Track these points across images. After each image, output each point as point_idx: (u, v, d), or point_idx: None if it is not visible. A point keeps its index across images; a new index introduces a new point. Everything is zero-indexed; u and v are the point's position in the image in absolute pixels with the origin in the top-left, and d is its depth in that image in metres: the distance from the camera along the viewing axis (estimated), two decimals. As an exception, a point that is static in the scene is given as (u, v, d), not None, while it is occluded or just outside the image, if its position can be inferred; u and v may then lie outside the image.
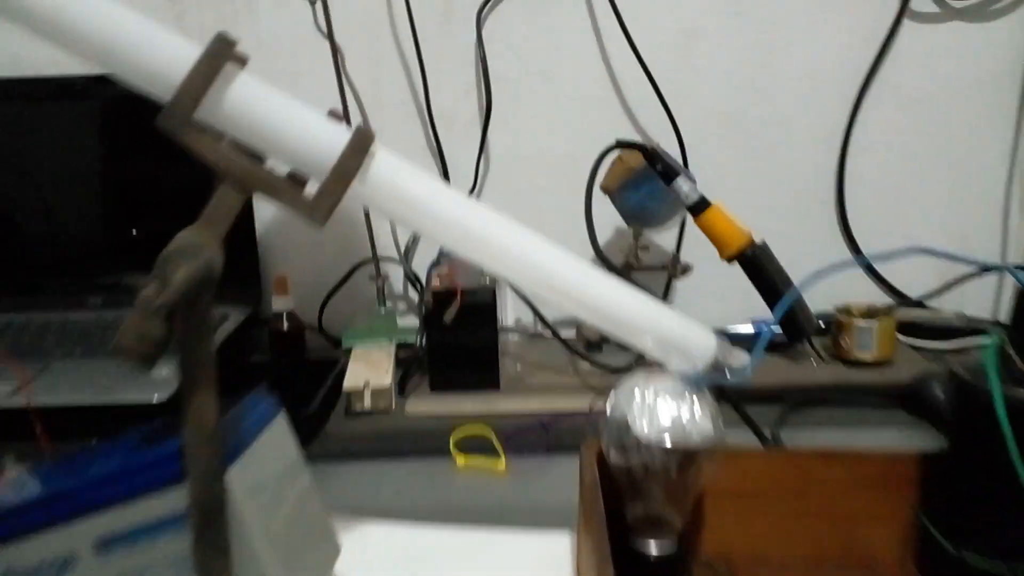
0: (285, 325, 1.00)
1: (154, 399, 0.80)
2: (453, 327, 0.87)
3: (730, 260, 0.87)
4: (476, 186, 1.06)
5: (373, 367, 0.90)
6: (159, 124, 0.40)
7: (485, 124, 1.03)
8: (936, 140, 1.04)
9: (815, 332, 0.92)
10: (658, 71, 1.00)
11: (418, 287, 1.04)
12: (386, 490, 0.73)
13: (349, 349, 0.96)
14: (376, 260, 1.01)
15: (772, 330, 0.88)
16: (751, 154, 1.05)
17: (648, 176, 0.86)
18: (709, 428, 0.50)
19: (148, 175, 1.03)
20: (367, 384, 0.86)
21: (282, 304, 0.99)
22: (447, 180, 1.06)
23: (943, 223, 1.07)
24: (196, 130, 0.41)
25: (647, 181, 0.87)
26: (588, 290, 0.49)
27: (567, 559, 0.60)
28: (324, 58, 0.98)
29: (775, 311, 0.89)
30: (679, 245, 1.01)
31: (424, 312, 0.90)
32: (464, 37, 1.02)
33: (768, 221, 0.89)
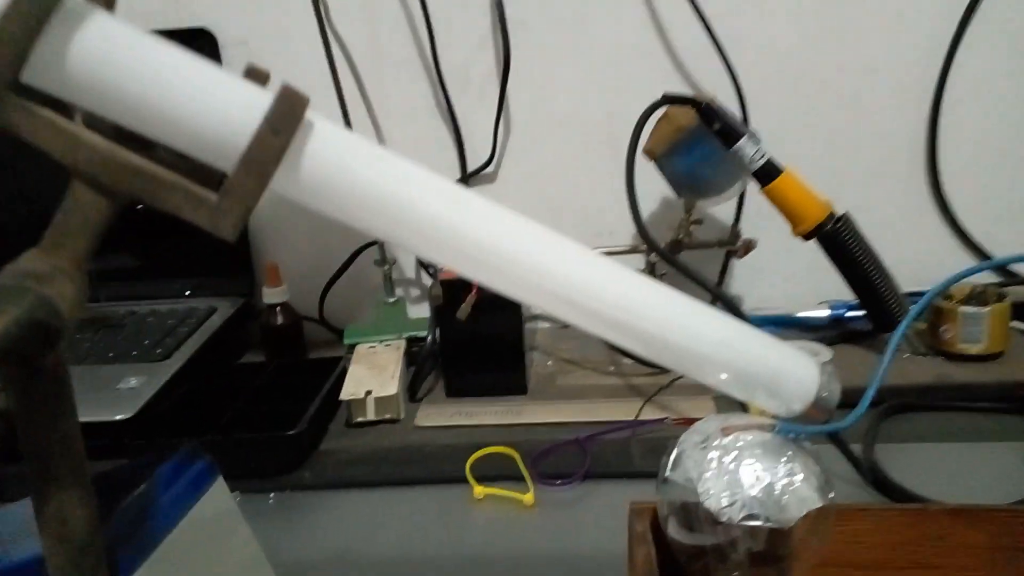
0: (279, 319, 0.88)
1: (116, 417, 0.68)
2: (470, 323, 0.74)
3: (806, 237, 0.73)
4: (494, 156, 0.94)
5: (378, 370, 0.78)
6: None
7: (503, 81, 0.90)
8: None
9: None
10: (712, 11, 0.87)
11: (430, 271, 0.90)
12: (386, 530, 0.60)
13: (352, 347, 0.83)
14: (381, 241, 0.87)
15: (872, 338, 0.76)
16: (825, 109, 0.91)
17: (702, 137, 0.74)
18: (813, 497, 0.35)
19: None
20: (370, 393, 0.73)
21: (275, 296, 0.88)
22: (461, 150, 0.92)
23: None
24: (26, 102, 0.27)
25: (701, 143, 0.75)
26: (633, 313, 0.34)
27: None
28: (307, 13, 0.86)
29: (872, 308, 0.75)
30: (737, 217, 0.88)
31: (435, 306, 0.77)
32: (476, -24, 0.90)
33: (845, 188, 0.81)
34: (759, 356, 0.37)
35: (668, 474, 0.37)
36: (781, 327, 0.86)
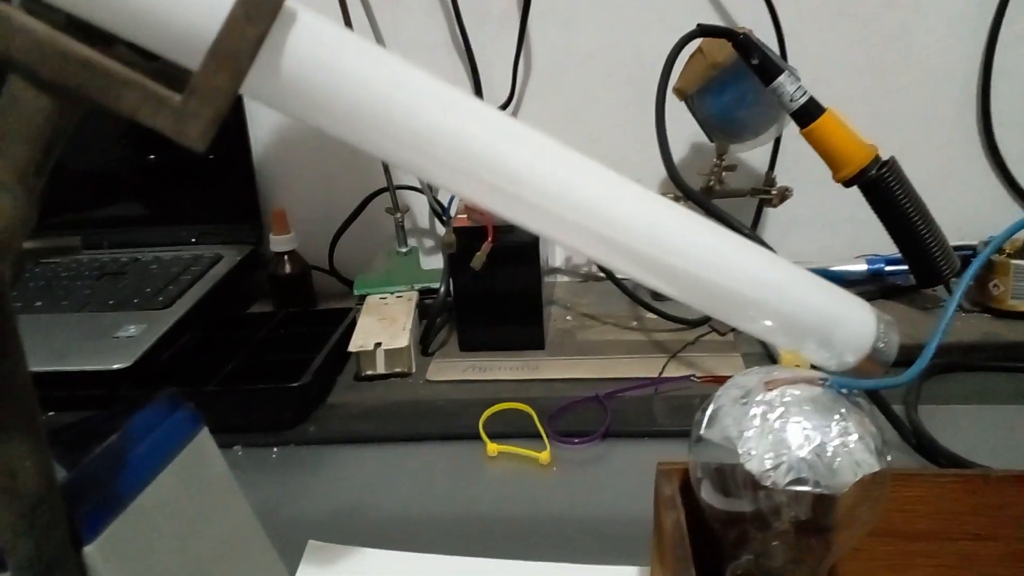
0: (287, 268, 0.84)
1: (113, 366, 0.65)
2: (485, 274, 0.70)
3: (848, 183, 0.67)
4: (513, 95, 0.88)
5: (389, 322, 0.74)
6: None
7: (524, 15, 0.84)
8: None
9: (955, 273, 0.71)
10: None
11: (444, 219, 0.86)
12: (393, 487, 0.57)
13: (362, 298, 0.80)
14: (392, 188, 0.83)
15: (905, 278, 0.71)
16: (869, 44, 0.84)
17: (739, 73, 0.69)
18: (870, 461, 0.31)
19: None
20: (379, 345, 0.69)
21: (282, 243, 0.83)
22: (478, 89, 0.87)
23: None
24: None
25: (737, 81, 0.70)
26: (664, 248, 0.29)
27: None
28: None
29: (916, 262, 0.70)
30: (772, 163, 0.82)
31: (448, 255, 0.72)
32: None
33: (888, 132, 0.74)
34: (809, 300, 0.32)
35: (703, 432, 0.33)
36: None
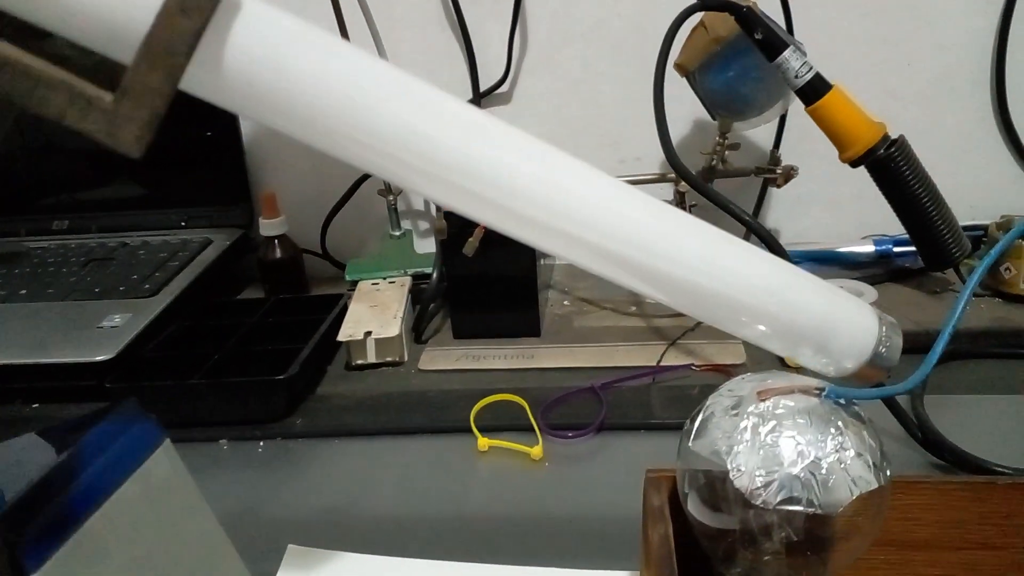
0: (277, 252, 0.82)
1: (96, 358, 0.63)
2: (479, 259, 0.68)
3: (855, 163, 0.65)
4: (508, 73, 0.86)
5: (380, 309, 0.72)
6: None
7: None
8: None
9: (965, 256, 0.68)
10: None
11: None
12: (381, 483, 0.55)
13: (354, 284, 0.78)
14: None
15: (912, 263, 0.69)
16: (879, 18, 0.82)
17: (742, 49, 0.66)
18: (867, 478, 0.29)
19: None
20: (370, 334, 0.68)
21: (272, 227, 0.82)
22: (472, 66, 0.84)
23: None
24: None
25: (741, 56, 0.68)
26: (648, 251, 0.27)
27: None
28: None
29: (925, 244, 0.67)
30: (777, 142, 0.80)
31: (440, 240, 0.70)
32: None
33: (898, 109, 0.75)
34: (805, 303, 0.30)
35: (691, 443, 0.31)
36: (821, 263, 0.79)
